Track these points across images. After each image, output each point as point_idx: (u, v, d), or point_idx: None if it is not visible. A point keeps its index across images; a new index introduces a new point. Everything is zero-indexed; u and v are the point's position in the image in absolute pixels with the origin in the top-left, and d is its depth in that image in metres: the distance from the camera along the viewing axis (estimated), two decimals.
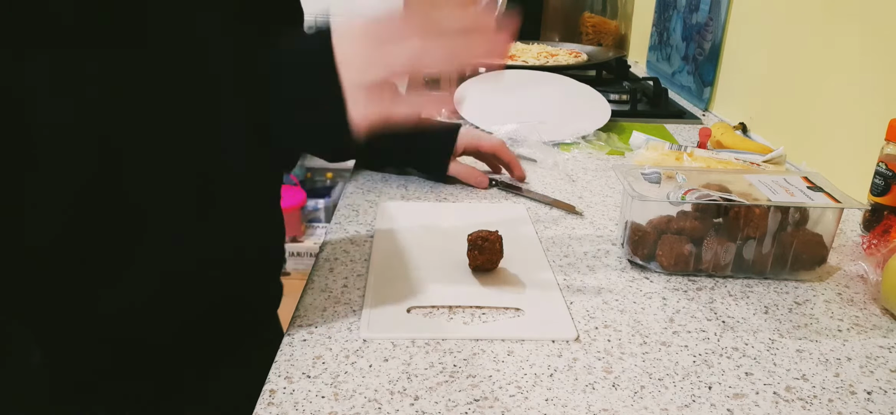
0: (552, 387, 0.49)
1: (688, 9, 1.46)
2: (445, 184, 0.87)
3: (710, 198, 0.64)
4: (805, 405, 0.48)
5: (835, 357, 0.54)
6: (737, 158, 0.92)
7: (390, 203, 0.81)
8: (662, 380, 0.50)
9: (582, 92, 1.22)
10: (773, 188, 0.67)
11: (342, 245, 0.70)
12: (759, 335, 0.56)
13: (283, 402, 0.47)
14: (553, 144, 1.05)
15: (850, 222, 0.80)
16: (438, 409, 0.46)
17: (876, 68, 0.84)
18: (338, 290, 0.61)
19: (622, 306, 0.60)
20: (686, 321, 0.58)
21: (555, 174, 0.93)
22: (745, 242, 0.64)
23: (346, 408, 0.46)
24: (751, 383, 0.50)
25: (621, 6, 1.99)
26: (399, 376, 0.49)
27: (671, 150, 0.96)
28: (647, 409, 0.47)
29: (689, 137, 1.15)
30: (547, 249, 0.70)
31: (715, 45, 1.31)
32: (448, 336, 0.54)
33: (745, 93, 1.20)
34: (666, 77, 1.57)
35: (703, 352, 0.54)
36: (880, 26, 0.84)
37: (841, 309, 0.61)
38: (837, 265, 0.69)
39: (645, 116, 1.27)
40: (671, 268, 0.65)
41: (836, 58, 0.93)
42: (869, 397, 0.49)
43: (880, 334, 0.57)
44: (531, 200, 0.83)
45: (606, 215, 0.80)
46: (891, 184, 0.73)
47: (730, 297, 0.62)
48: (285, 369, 0.50)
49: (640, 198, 0.65)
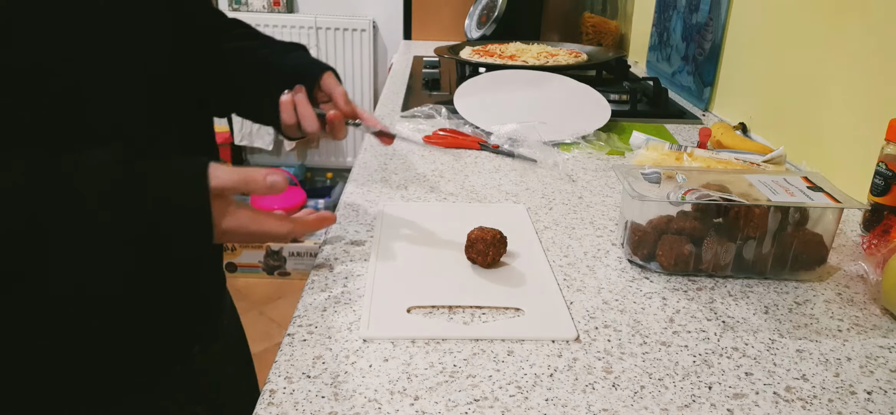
0: (552, 387, 0.49)
1: (688, 9, 1.46)
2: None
3: (710, 198, 0.64)
4: (805, 405, 0.48)
5: (835, 357, 0.54)
6: (737, 158, 0.92)
7: (390, 203, 0.81)
8: (662, 380, 0.50)
9: (582, 92, 1.22)
10: (773, 188, 0.67)
11: (342, 245, 0.70)
12: (759, 335, 0.56)
13: (283, 402, 0.47)
14: (553, 144, 1.05)
15: (850, 222, 0.80)
16: (438, 409, 0.46)
17: (876, 68, 0.84)
18: (338, 290, 0.61)
19: (622, 306, 0.60)
20: (686, 321, 0.58)
21: (555, 174, 0.93)
22: (745, 242, 0.64)
23: (346, 408, 0.46)
24: (751, 383, 0.50)
25: (621, 6, 1.99)
26: (399, 376, 0.49)
27: (671, 150, 0.96)
28: (647, 409, 0.47)
29: (689, 137, 1.15)
30: (547, 249, 0.70)
31: (715, 45, 1.31)
32: (448, 336, 0.54)
33: (745, 93, 1.20)
34: (666, 77, 1.57)
35: (703, 352, 0.54)
36: (880, 26, 0.84)
37: (841, 309, 0.61)
38: (837, 265, 0.69)
39: (645, 116, 1.27)
40: (671, 268, 0.65)
41: (837, 58, 0.93)
42: (869, 397, 0.49)
43: (880, 334, 0.58)
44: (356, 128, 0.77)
45: (606, 215, 0.80)
46: (891, 184, 0.73)
47: (730, 297, 0.62)
48: (285, 369, 0.50)
49: (640, 198, 0.65)
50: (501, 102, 1.18)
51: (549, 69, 1.34)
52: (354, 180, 0.88)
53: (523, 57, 1.49)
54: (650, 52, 1.72)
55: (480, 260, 0.64)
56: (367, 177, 0.90)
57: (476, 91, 1.21)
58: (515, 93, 1.22)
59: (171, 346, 0.66)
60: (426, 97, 1.39)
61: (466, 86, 1.22)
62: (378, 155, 0.98)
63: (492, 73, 1.29)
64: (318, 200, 2.67)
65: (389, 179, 0.89)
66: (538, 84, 1.25)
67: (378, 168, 0.93)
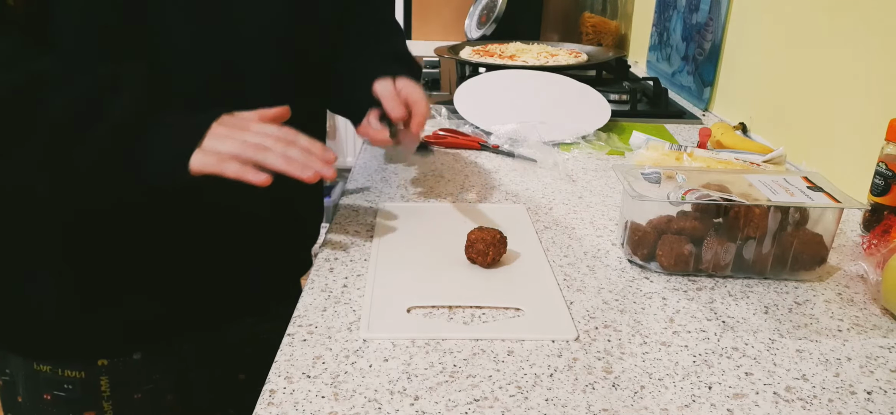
0: (552, 387, 0.49)
1: (688, 9, 1.46)
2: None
3: (710, 198, 0.64)
4: (805, 405, 0.48)
5: (835, 357, 0.54)
6: (737, 158, 0.92)
7: (390, 203, 0.81)
8: (662, 380, 0.50)
9: (582, 92, 1.22)
10: (773, 188, 0.67)
11: (342, 245, 0.70)
12: (759, 335, 0.56)
13: (283, 402, 0.47)
14: (553, 144, 1.05)
15: (850, 222, 0.80)
16: (438, 409, 0.46)
17: (876, 68, 0.84)
18: (338, 290, 0.61)
19: (622, 306, 0.60)
20: (686, 321, 0.58)
21: (555, 174, 0.93)
22: (745, 242, 0.64)
23: (346, 408, 0.46)
24: (751, 383, 0.50)
25: (621, 6, 1.99)
26: (399, 376, 0.49)
27: (671, 150, 0.96)
28: (647, 409, 0.47)
29: (689, 137, 1.15)
30: (547, 249, 0.70)
31: (715, 45, 1.31)
32: (448, 336, 0.54)
33: (745, 93, 1.20)
34: (666, 77, 1.57)
35: (703, 352, 0.54)
36: (880, 26, 0.84)
37: (841, 309, 0.61)
38: (837, 265, 0.69)
39: (645, 116, 1.27)
40: (671, 268, 0.65)
41: (837, 58, 0.93)
42: (869, 397, 0.49)
43: (880, 334, 0.57)
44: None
45: (606, 215, 0.80)
46: (891, 184, 0.73)
47: (730, 297, 0.62)
48: (285, 369, 0.50)
49: (640, 198, 0.65)
50: (501, 102, 1.18)
51: (549, 69, 1.34)
52: (354, 180, 0.88)
53: (523, 57, 1.49)
54: (650, 52, 1.72)
55: (480, 260, 0.64)
56: (367, 177, 0.90)
57: (476, 91, 1.21)
58: (515, 93, 1.22)
59: (280, 270, 0.80)
60: (426, 97, 1.39)
61: (466, 86, 1.22)
62: (378, 155, 0.98)
63: (492, 73, 1.29)
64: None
65: (389, 179, 0.89)
66: (538, 84, 1.25)
67: (378, 168, 0.93)
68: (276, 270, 0.79)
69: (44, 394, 0.69)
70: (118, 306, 0.67)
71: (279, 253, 0.78)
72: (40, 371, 0.68)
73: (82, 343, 0.68)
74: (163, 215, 0.65)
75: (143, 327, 0.69)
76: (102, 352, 0.68)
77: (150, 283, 0.68)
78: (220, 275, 0.71)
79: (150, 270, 0.67)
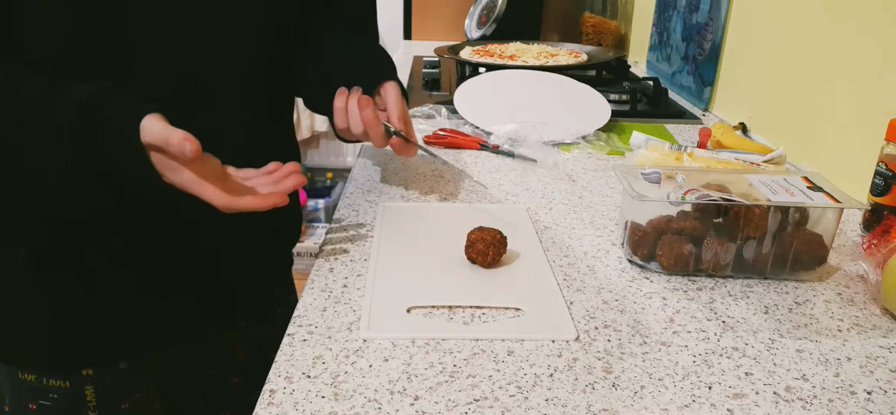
0: (552, 387, 0.49)
1: (688, 9, 1.46)
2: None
3: (710, 198, 0.64)
4: (805, 405, 0.48)
5: (835, 357, 0.54)
6: (737, 158, 0.92)
7: (390, 203, 0.81)
8: (662, 380, 0.50)
9: (582, 92, 1.22)
10: (773, 188, 0.67)
11: (342, 245, 0.70)
12: (759, 335, 0.56)
13: (283, 402, 0.47)
14: (553, 144, 1.05)
15: (850, 222, 0.80)
16: (438, 409, 0.46)
17: (876, 68, 0.84)
18: (338, 290, 0.61)
19: (622, 306, 0.60)
20: (686, 321, 0.58)
21: (555, 174, 0.93)
22: (745, 242, 0.64)
23: (346, 408, 0.46)
24: (751, 383, 0.50)
25: (621, 6, 1.99)
26: (399, 376, 0.49)
27: (671, 150, 0.96)
28: (647, 409, 0.47)
29: (689, 137, 1.15)
30: (547, 249, 0.70)
31: (715, 45, 1.31)
32: (448, 336, 0.54)
33: (745, 93, 1.20)
34: (666, 77, 1.57)
35: (703, 352, 0.54)
36: (880, 26, 0.84)
37: (841, 309, 0.61)
38: (837, 265, 0.69)
39: (645, 116, 1.27)
40: (671, 268, 0.65)
41: (837, 58, 0.93)
42: (869, 397, 0.49)
43: (880, 334, 0.57)
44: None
45: (606, 215, 0.80)
46: (891, 184, 0.73)
47: (730, 297, 0.62)
48: (285, 369, 0.50)
49: (640, 198, 0.65)
50: (501, 102, 1.18)
51: (549, 69, 1.34)
52: (354, 180, 0.88)
53: (523, 57, 1.49)
54: (650, 52, 1.72)
55: (480, 260, 0.64)
56: (367, 177, 0.90)
57: (476, 91, 1.21)
58: (515, 93, 1.22)
59: (253, 287, 0.79)
60: (426, 97, 1.39)
61: (466, 86, 1.22)
62: (378, 155, 0.98)
63: (492, 73, 1.29)
64: (319, 200, 2.67)
65: (389, 179, 0.89)
66: (538, 84, 1.25)
67: (378, 168, 0.93)
68: (259, 274, 0.79)
69: (29, 403, 0.68)
70: (101, 316, 0.66)
71: (259, 257, 0.78)
72: (25, 380, 0.68)
73: (66, 352, 0.67)
74: (143, 225, 0.64)
75: (127, 337, 0.68)
76: (87, 361, 0.68)
77: (133, 293, 0.67)
78: (203, 283, 0.71)
79: (133, 280, 0.66)
